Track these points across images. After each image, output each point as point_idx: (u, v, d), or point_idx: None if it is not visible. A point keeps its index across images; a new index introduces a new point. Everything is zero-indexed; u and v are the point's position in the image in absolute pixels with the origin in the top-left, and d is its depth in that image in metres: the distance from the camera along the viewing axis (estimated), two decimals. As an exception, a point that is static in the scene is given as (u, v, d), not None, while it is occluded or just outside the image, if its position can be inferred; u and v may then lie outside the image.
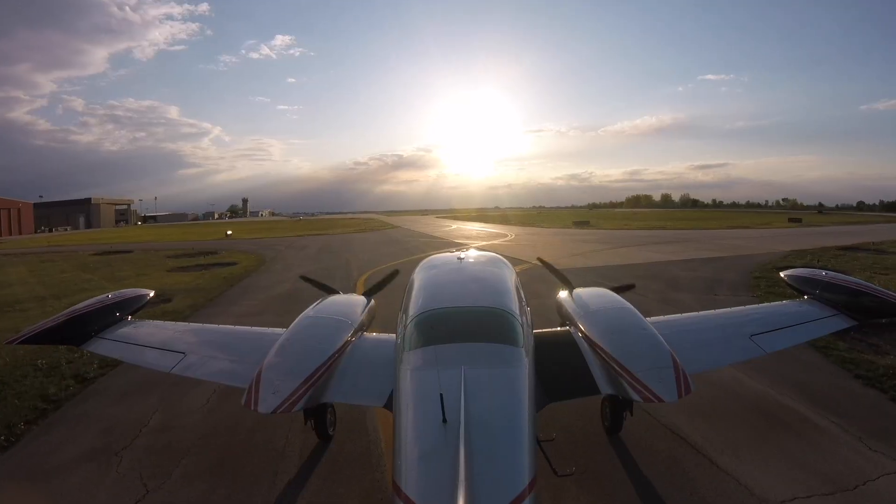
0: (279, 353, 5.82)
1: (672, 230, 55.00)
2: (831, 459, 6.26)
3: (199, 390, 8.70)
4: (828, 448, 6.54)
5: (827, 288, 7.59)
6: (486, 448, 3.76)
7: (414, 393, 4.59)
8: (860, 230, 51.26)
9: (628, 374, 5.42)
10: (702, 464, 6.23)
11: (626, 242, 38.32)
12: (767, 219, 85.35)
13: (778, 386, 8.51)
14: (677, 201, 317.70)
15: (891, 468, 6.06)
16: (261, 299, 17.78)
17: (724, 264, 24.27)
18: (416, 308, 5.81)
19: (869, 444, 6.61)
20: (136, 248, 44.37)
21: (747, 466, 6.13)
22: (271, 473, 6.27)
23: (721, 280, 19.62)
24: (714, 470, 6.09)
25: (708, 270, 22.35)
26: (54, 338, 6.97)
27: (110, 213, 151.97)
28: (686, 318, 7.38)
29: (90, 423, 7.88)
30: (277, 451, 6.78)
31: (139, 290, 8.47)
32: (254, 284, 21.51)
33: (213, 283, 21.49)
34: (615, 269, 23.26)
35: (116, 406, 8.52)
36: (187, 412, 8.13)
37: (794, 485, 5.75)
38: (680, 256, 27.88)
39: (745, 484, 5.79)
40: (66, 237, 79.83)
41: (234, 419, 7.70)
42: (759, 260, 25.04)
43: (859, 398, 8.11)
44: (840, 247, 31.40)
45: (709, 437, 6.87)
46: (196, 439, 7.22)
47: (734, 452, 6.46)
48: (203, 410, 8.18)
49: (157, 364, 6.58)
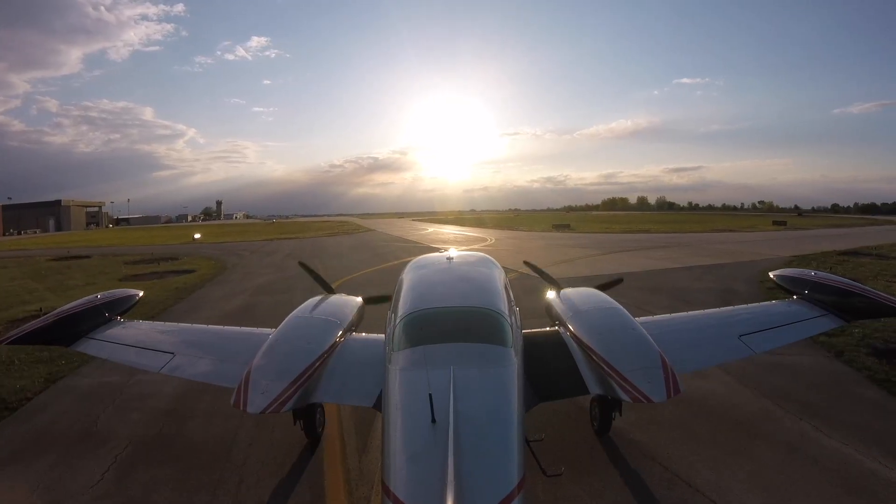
0: (268, 353, 5.78)
1: (657, 234, 53.45)
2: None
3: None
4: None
5: (816, 288, 7.53)
6: (476, 448, 3.72)
7: (403, 393, 4.55)
8: (848, 233, 50.60)
9: (617, 375, 5.40)
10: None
11: (614, 247, 36.12)
12: (750, 221, 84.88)
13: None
14: (653, 204, 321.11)
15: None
16: (206, 317, 15.08)
17: (727, 272, 22.38)
18: (405, 308, 5.76)
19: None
20: (97, 253, 41.83)
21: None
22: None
23: (733, 291, 17.57)
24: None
25: (712, 279, 20.36)
26: (43, 338, 6.93)
27: (81, 216, 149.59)
28: (675, 318, 7.33)
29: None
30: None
31: (128, 290, 8.46)
32: (205, 298, 18.95)
33: (161, 296, 19.04)
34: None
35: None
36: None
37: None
38: (678, 263, 25.87)
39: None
40: (33, 240, 78.20)
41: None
42: (762, 267, 23.04)
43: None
44: (840, 252, 29.98)
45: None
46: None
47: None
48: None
49: (145, 364, 6.52)
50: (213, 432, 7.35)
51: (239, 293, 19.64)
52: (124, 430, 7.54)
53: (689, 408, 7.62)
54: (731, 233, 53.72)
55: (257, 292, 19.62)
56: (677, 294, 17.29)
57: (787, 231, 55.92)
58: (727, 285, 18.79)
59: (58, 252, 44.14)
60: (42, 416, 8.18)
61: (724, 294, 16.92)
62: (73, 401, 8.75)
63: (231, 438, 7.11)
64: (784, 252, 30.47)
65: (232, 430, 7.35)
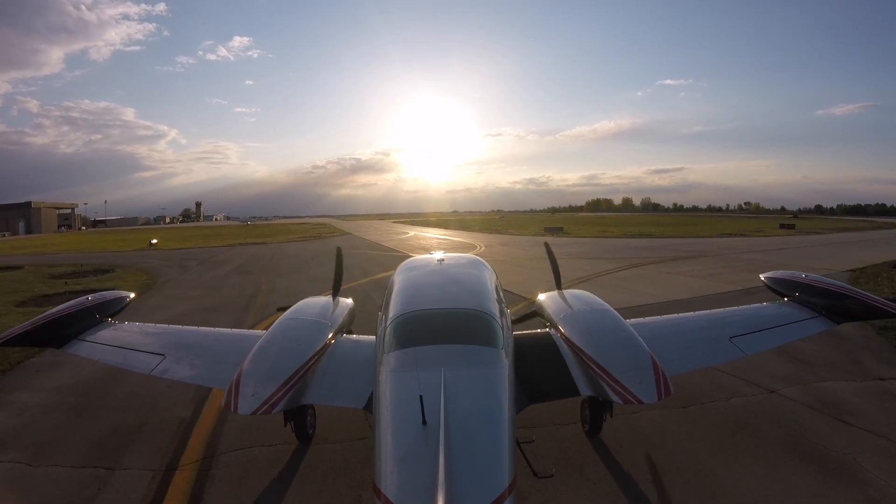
0: (259, 354, 5.78)
1: (662, 238, 48.37)
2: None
3: None
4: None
5: (807, 290, 7.54)
6: (466, 450, 3.72)
7: (393, 395, 4.54)
8: (867, 238, 46.16)
9: (608, 376, 5.41)
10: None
11: (628, 258, 30.15)
12: (750, 224, 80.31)
13: None
14: (638, 205, 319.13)
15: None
16: (48, 387, 9.18)
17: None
18: (396, 310, 5.78)
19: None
20: (36, 262, 35.70)
21: None
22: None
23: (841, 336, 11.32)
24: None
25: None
26: (34, 340, 6.93)
27: (52, 218, 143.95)
28: (666, 319, 7.37)
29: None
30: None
31: (119, 291, 8.41)
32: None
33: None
34: (658, 310, 12.98)
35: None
36: None
37: None
38: (729, 284, 19.72)
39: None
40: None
41: None
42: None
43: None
44: (893, 263, 24.63)
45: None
46: None
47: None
48: None
49: (136, 366, 6.51)
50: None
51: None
52: None
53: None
54: (742, 238, 48.85)
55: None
56: (816, 357, 10.19)
57: (804, 236, 50.59)
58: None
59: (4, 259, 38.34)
60: None
61: (833, 343, 11.07)
62: None
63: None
64: (830, 264, 25.33)
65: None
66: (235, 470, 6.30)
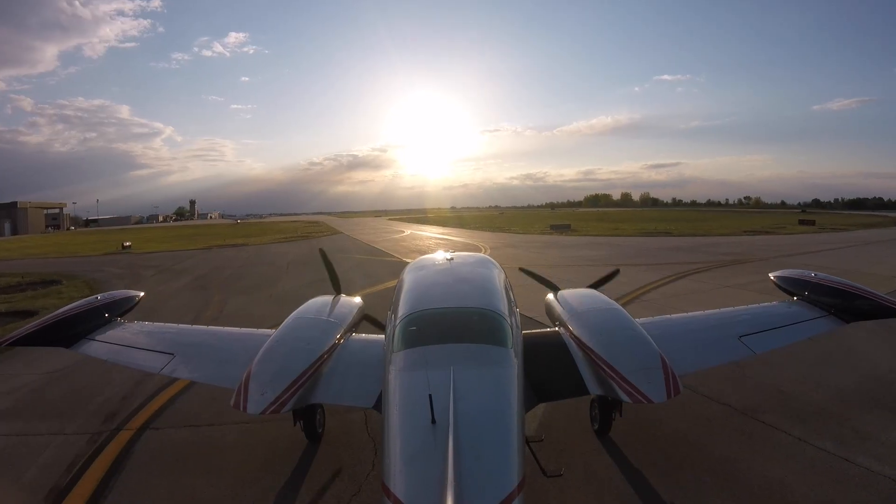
0: (268, 354, 5.75)
1: (681, 237, 44.20)
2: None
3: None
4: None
5: (816, 289, 7.41)
6: (475, 449, 3.67)
7: (403, 394, 4.48)
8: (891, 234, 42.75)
9: (617, 375, 5.36)
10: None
11: (661, 262, 25.50)
12: (771, 220, 75.87)
13: None
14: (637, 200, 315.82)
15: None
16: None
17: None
18: (405, 309, 5.71)
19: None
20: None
21: None
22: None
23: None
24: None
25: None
26: (44, 339, 6.85)
27: (40, 218, 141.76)
28: (675, 318, 7.30)
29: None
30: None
31: (128, 291, 8.38)
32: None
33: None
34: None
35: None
36: None
37: None
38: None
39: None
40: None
41: None
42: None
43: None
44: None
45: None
46: None
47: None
48: None
49: (146, 365, 6.49)
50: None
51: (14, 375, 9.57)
52: None
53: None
54: (768, 236, 44.82)
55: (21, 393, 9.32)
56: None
57: (830, 234, 46.21)
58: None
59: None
60: None
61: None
62: None
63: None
64: (881, 269, 21.58)
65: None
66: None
